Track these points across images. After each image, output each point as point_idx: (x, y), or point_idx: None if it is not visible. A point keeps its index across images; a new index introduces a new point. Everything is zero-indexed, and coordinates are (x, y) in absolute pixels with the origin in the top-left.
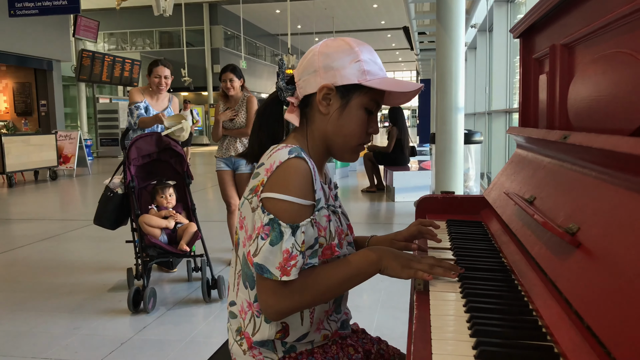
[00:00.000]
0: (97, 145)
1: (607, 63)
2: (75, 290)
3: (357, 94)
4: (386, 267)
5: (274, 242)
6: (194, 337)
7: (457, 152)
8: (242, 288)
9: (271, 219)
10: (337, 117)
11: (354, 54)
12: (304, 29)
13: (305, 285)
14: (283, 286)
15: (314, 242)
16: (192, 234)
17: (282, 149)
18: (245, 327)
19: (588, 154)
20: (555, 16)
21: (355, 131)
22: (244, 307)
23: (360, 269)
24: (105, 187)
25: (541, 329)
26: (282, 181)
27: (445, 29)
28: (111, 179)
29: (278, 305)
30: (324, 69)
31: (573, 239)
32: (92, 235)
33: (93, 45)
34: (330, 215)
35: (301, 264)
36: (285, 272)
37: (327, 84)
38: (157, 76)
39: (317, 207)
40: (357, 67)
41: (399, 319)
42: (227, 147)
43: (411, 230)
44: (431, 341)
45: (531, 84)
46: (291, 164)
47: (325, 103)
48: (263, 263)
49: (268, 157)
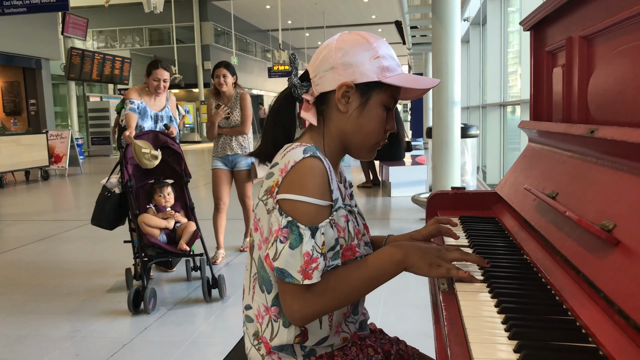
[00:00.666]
0: (89, 144)
1: (635, 55)
2: (73, 292)
3: (377, 92)
4: (412, 266)
5: (293, 245)
6: (197, 337)
7: (454, 146)
8: (258, 292)
9: (289, 222)
10: (356, 115)
11: (373, 50)
12: (294, 25)
13: (330, 288)
14: (307, 290)
15: (334, 244)
16: (191, 233)
17: (296, 148)
18: (263, 332)
19: (619, 148)
20: (571, 9)
21: (375, 129)
22: (260, 312)
23: (385, 269)
24: (103, 186)
25: (581, 330)
26: (298, 182)
27: (441, 22)
28: (108, 178)
29: (303, 310)
30: (342, 65)
31: (611, 236)
32: (87, 235)
33: (82, 43)
34: (348, 215)
35: (323, 266)
36: (307, 275)
37: (347, 82)
38: (156, 79)
39: (335, 207)
40: (377, 63)
41: (405, 315)
42: (222, 146)
43: (430, 229)
44: (467, 344)
45: (543, 77)
46: (307, 164)
47: (344, 101)
48: (284, 267)
49: (282, 157)
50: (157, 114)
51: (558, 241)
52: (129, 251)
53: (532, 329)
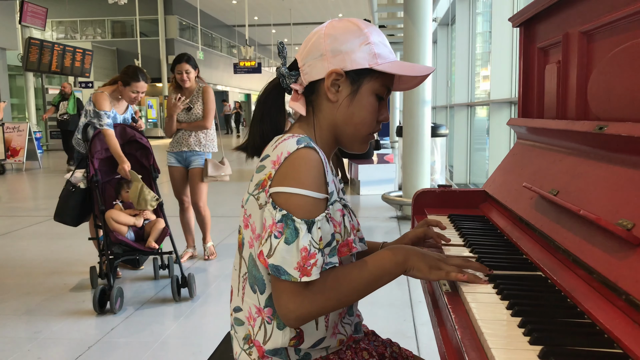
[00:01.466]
0: (47, 138)
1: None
2: (34, 291)
3: (368, 79)
4: (412, 268)
5: (289, 241)
6: (166, 338)
7: (424, 145)
8: (248, 292)
9: (284, 215)
10: (347, 104)
11: (364, 36)
12: (261, 21)
13: (328, 287)
14: (304, 289)
15: (331, 239)
16: (160, 230)
17: (289, 139)
18: (255, 335)
19: (631, 145)
20: (568, 5)
21: (367, 119)
22: (252, 314)
23: (385, 269)
24: (67, 181)
25: (603, 334)
26: (293, 173)
27: (413, 22)
28: (72, 172)
29: (299, 310)
30: (331, 52)
31: (632, 235)
32: (47, 232)
33: (41, 34)
34: (343, 209)
35: (321, 262)
36: (305, 272)
37: (337, 69)
38: (134, 91)
39: (330, 201)
40: (368, 50)
41: (377, 315)
42: (178, 141)
43: (417, 232)
44: (486, 350)
45: (534, 74)
46: (301, 155)
47: (334, 90)
48: (280, 264)
49: (274, 149)
50: (124, 117)
51: (566, 241)
52: (93, 248)
53: (552, 333)
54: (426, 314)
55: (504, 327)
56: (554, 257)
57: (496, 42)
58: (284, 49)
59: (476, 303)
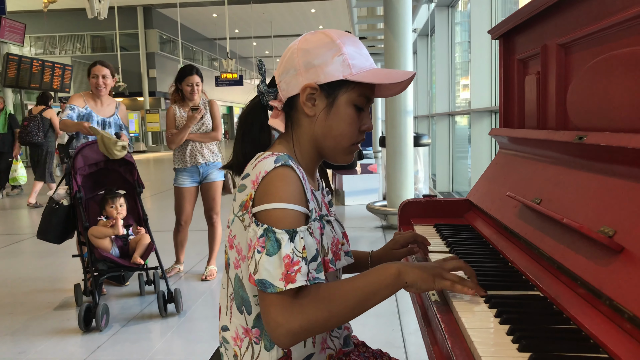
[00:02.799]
0: (28, 155)
1: (617, 62)
2: (17, 310)
3: (344, 91)
4: (416, 281)
5: (271, 252)
6: (154, 355)
7: (407, 154)
8: (236, 313)
9: (265, 229)
10: (324, 117)
11: (336, 47)
12: (242, 33)
13: (319, 302)
14: (293, 301)
15: (316, 253)
16: (145, 245)
17: (267, 158)
18: (243, 356)
19: (610, 154)
20: (546, 18)
21: (346, 131)
22: (239, 334)
23: (380, 285)
24: (50, 198)
25: (589, 340)
26: (271, 190)
27: (393, 33)
28: (55, 189)
29: (289, 324)
30: (304, 67)
31: (614, 242)
32: (30, 250)
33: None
34: (323, 228)
35: (305, 270)
36: (289, 279)
37: (310, 83)
38: (94, 76)
39: (312, 218)
40: (341, 61)
41: (367, 324)
42: (192, 155)
43: (406, 235)
44: (476, 358)
45: (514, 85)
46: (278, 173)
47: (310, 104)
48: (264, 278)
49: (253, 167)
50: (104, 120)
51: (550, 249)
52: (78, 266)
53: (540, 340)
54: (414, 323)
55: (493, 335)
56: (539, 264)
57: (475, 52)
58: (262, 67)
59: (465, 312)
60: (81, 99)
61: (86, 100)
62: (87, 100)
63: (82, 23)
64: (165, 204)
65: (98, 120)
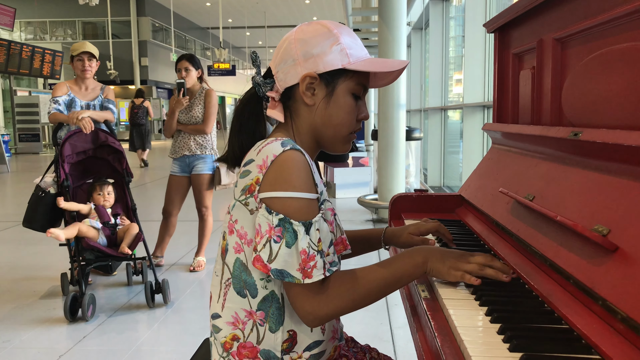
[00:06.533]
0: (16, 141)
1: (614, 58)
2: (1, 299)
3: (343, 80)
4: (432, 269)
5: (289, 244)
6: (140, 345)
7: (399, 148)
8: (233, 298)
9: (281, 219)
10: (324, 107)
11: (334, 37)
12: (235, 23)
13: (344, 290)
14: (319, 290)
15: (331, 239)
16: (133, 235)
17: (272, 142)
18: (247, 338)
19: (605, 151)
20: (542, 12)
21: (345, 120)
22: (239, 317)
23: (404, 272)
24: (36, 186)
25: (580, 340)
26: (283, 177)
27: (387, 26)
28: (42, 177)
29: (316, 312)
30: (303, 56)
31: (608, 241)
32: (16, 238)
33: (8, 34)
34: (333, 209)
35: (321, 264)
36: (306, 274)
37: (310, 73)
38: (80, 58)
39: (321, 201)
40: (339, 50)
41: (354, 319)
42: (179, 146)
43: (428, 226)
44: (466, 357)
45: (509, 80)
46: (288, 157)
47: (309, 93)
48: (282, 268)
49: (257, 153)
50: (88, 104)
51: (542, 246)
52: (64, 255)
53: (531, 340)
54: (402, 317)
55: (484, 334)
56: (531, 262)
57: (469, 47)
58: (257, 59)
59: (455, 309)
60: (64, 86)
61: (69, 86)
62: (70, 86)
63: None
64: (153, 194)
65: (82, 104)
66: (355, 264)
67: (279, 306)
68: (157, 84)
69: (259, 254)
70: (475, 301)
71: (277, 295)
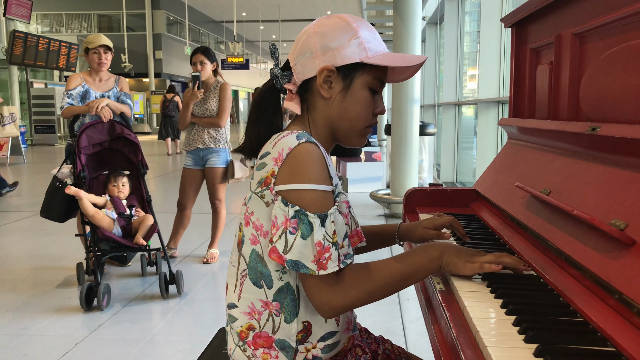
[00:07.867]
0: (32, 133)
1: (638, 52)
2: (19, 287)
3: (360, 73)
4: (448, 263)
5: (305, 235)
6: (154, 335)
7: (413, 143)
8: (249, 288)
9: (297, 211)
10: (340, 100)
11: (352, 31)
12: (249, 17)
13: (360, 283)
14: (334, 283)
15: (346, 232)
16: (148, 227)
17: (288, 135)
18: (262, 327)
19: (623, 146)
20: (561, 7)
21: (361, 113)
22: (255, 307)
23: (420, 266)
24: (53, 177)
25: (596, 333)
26: (299, 169)
27: (402, 20)
28: (59, 168)
29: (332, 303)
30: (321, 49)
31: (625, 235)
32: (32, 227)
33: (25, 27)
34: (348, 202)
35: (336, 256)
36: (321, 266)
37: (327, 66)
38: (96, 51)
39: (336, 193)
40: (357, 44)
41: (367, 313)
42: (193, 139)
43: (443, 220)
44: (481, 348)
45: (525, 74)
46: (303, 149)
47: (326, 86)
48: (298, 259)
49: (273, 146)
50: (103, 95)
51: (558, 241)
52: (80, 245)
53: (546, 332)
54: (414, 312)
55: (499, 326)
56: (546, 256)
57: (485, 42)
58: (275, 50)
59: (470, 301)
60: (78, 77)
61: (84, 78)
62: (84, 78)
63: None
64: (168, 185)
65: (97, 96)
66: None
67: (293, 297)
68: (170, 77)
69: (274, 245)
70: (491, 294)
71: (292, 287)
